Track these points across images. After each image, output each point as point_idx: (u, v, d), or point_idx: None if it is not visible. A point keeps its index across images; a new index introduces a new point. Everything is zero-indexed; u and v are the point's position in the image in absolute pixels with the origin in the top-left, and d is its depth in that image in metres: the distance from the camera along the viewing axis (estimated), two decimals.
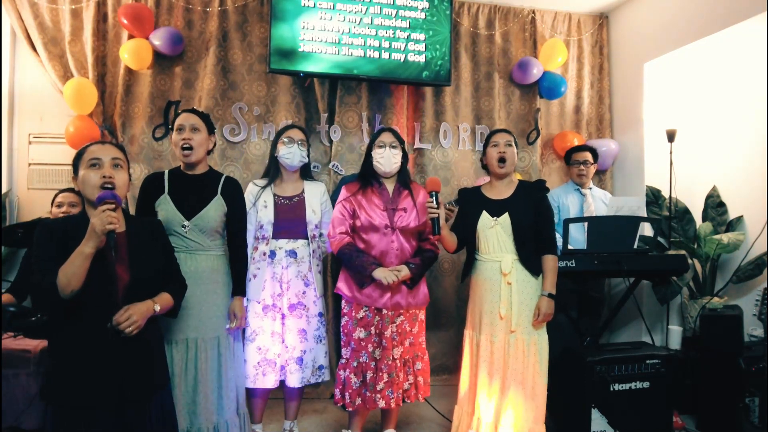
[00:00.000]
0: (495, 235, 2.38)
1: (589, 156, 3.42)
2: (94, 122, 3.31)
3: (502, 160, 2.42)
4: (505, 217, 2.36)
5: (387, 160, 2.46)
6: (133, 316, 1.57)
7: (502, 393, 2.32)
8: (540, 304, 2.33)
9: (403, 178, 2.55)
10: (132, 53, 3.27)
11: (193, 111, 2.25)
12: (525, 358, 2.32)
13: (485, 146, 2.51)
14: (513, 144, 2.45)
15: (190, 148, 2.17)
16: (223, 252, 2.28)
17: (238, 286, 2.30)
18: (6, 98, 3.39)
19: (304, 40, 3.37)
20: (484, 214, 2.40)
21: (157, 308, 1.68)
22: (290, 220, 2.55)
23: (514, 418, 2.30)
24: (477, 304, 2.43)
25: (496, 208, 2.40)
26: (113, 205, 1.55)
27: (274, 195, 2.57)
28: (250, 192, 2.58)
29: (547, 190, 2.48)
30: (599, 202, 3.44)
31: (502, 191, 2.45)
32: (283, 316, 2.52)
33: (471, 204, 2.47)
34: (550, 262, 2.37)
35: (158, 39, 3.34)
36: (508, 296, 2.33)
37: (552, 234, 2.41)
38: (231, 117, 3.55)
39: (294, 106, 3.63)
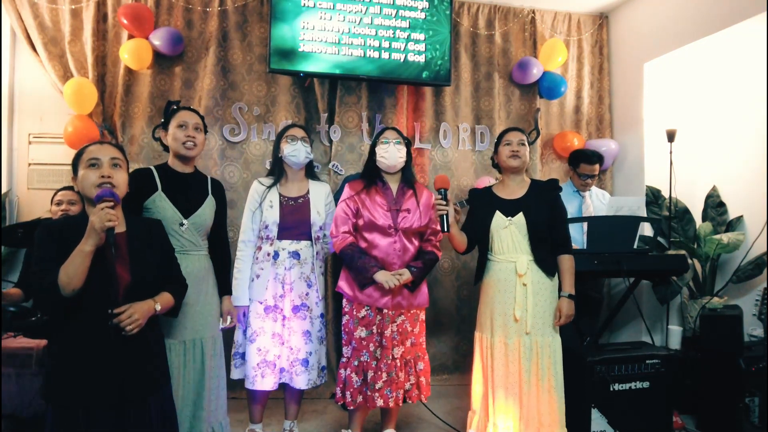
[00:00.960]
0: (509, 235, 2.32)
1: (597, 169, 3.38)
2: (94, 122, 3.31)
3: (514, 156, 2.37)
4: (520, 217, 2.31)
5: (392, 155, 2.44)
6: (135, 314, 1.57)
7: (519, 396, 2.26)
8: (561, 305, 2.29)
9: (407, 177, 2.54)
10: (132, 53, 3.27)
11: (194, 110, 2.25)
12: (540, 360, 2.27)
13: (497, 145, 2.45)
14: (526, 143, 2.39)
15: (194, 145, 2.19)
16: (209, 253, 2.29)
17: (226, 285, 2.31)
18: (6, 98, 3.39)
19: (304, 40, 3.37)
20: (498, 214, 2.34)
21: (158, 307, 1.68)
22: (295, 221, 2.53)
23: (532, 422, 2.25)
24: (489, 306, 2.36)
25: (510, 208, 2.35)
26: (112, 203, 1.55)
27: (280, 195, 2.56)
28: (255, 191, 2.57)
29: (560, 189, 2.42)
30: (596, 200, 3.44)
31: (514, 191, 2.40)
32: (284, 318, 2.51)
33: (483, 204, 2.42)
34: (567, 262, 2.33)
35: (158, 39, 3.34)
36: (524, 297, 2.28)
37: (567, 234, 2.37)
38: (231, 117, 3.55)
39: (294, 106, 3.63)
